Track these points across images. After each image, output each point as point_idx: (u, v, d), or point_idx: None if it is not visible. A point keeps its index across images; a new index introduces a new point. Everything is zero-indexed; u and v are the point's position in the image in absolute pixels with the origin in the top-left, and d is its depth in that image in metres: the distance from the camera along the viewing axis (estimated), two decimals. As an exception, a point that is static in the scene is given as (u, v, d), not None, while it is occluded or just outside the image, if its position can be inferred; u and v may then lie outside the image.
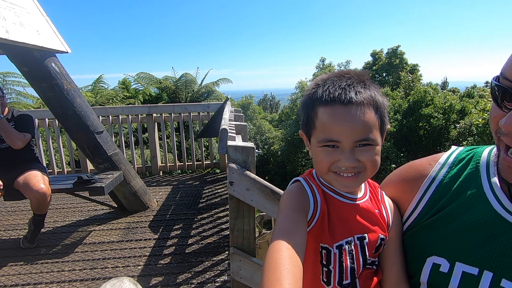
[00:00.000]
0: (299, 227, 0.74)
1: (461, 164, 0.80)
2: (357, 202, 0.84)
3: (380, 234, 0.83)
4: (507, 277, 0.65)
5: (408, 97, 15.99)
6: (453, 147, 0.87)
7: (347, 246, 0.79)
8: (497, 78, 0.64)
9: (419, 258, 0.79)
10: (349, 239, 0.80)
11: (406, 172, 0.89)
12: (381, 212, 0.86)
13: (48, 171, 3.55)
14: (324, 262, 0.79)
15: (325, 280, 0.80)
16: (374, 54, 24.32)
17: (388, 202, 0.90)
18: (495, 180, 0.73)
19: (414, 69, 21.89)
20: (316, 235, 0.79)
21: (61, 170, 5.37)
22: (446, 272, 0.72)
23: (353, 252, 0.80)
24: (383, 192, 0.91)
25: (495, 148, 0.79)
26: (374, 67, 23.55)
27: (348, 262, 0.79)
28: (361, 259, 0.81)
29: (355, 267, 0.80)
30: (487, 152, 0.79)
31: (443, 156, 0.85)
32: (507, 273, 0.65)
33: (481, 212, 0.71)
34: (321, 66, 22.68)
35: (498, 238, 0.68)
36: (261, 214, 6.25)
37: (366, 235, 0.81)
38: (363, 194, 0.86)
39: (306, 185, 0.84)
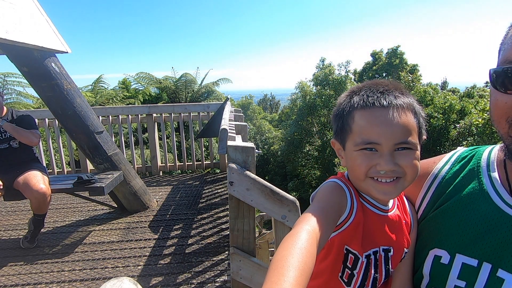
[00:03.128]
0: (326, 224, 0.69)
1: (463, 162, 0.83)
2: (388, 214, 0.83)
3: (405, 248, 0.84)
4: (503, 267, 0.68)
5: (408, 97, 15.98)
6: (459, 148, 0.89)
7: (373, 257, 0.80)
8: (498, 65, 0.64)
9: (422, 251, 0.82)
10: (376, 249, 0.81)
11: None
12: (407, 222, 0.86)
13: (48, 171, 3.55)
14: (349, 265, 0.79)
15: (346, 280, 0.80)
16: (374, 54, 24.33)
17: (409, 207, 0.90)
18: (495, 175, 0.75)
19: (414, 69, 21.90)
20: (345, 239, 0.79)
21: (61, 170, 5.37)
22: (447, 263, 0.75)
23: (378, 263, 0.81)
24: (405, 198, 0.91)
25: (496, 147, 0.81)
26: (374, 67, 23.56)
27: (373, 271, 0.80)
28: (383, 270, 0.82)
29: (378, 276, 0.81)
30: (488, 152, 0.81)
31: (447, 155, 0.88)
32: (503, 264, 0.68)
33: (482, 206, 0.73)
34: (321, 66, 22.68)
35: (497, 231, 0.70)
36: (261, 214, 6.25)
37: (391, 248, 0.81)
38: (392, 204, 0.85)
39: (346, 188, 0.81)
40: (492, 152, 0.81)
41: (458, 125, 13.72)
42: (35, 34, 3.04)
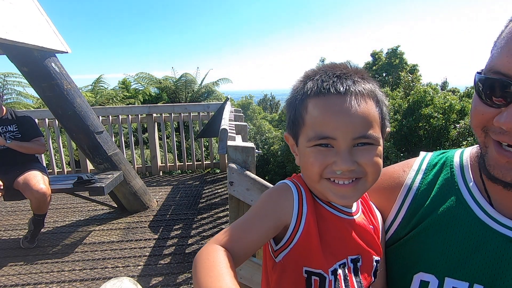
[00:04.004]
0: (249, 238, 0.63)
1: (435, 170, 0.77)
2: (354, 217, 0.71)
3: (374, 256, 0.72)
4: None
5: (408, 97, 15.99)
6: (422, 153, 0.83)
7: (341, 271, 0.67)
8: (484, 73, 0.60)
9: (405, 275, 0.74)
10: (343, 261, 0.68)
11: (381, 179, 0.81)
12: (375, 227, 0.75)
13: (48, 171, 3.56)
14: None
15: None
16: (374, 54, 24.33)
17: (377, 212, 0.80)
18: (473, 185, 0.70)
19: (414, 69, 21.90)
20: (299, 258, 0.66)
21: (61, 170, 5.37)
22: None
23: (348, 278, 0.68)
24: (370, 201, 0.80)
25: (466, 151, 0.77)
26: (374, 67, 23.55)
27: None
28: (355, 285, 0.68)
29: None
30: (458, 156, 0.77)
31: (416, 162, 0.81)
32: (497, 285, 0.63)
33: (465, 222, 0.68)
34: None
35: (485, 248, 0.65)
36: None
37: (360, 257, 0.70)
38: (356, 208, 0.74)
39: (295, 190, 0.68)
40: (463, 156, 0.76)
41: (458, 125, 13.72)
42: (35, 34, 3.04)
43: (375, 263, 0.72)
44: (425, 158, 0.81)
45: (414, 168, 0.79)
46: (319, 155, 0.64)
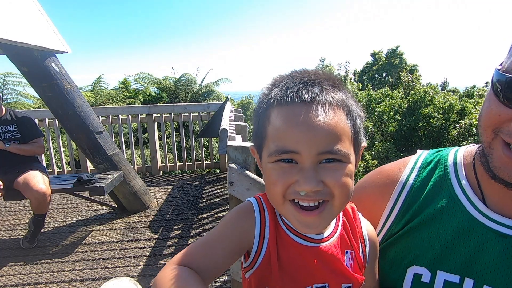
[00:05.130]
0: (212, 260, 0.61)
1: (429, 167, 0.77)
2: (320, 245, 0.64)
3: (344, 284, 0.65)
4: (489, 283, 0.64)
5: (407, 97, 16.00)
6: (419, 151, 0.84)
7: None
8: (507, 71, 0.57)
9: (398, 269, 0.75)
10: None
11: (377, 177, 0.84)
12: (356, 251, 0.69)
13: (48, 171, 3.56)
14: None
15: None
16: (374, 54, 24.34)
17: (366, 229, 0.74)
18: (465, 182, 0.71)
19: (413, 69, 21.91)
20: (262, 279, 0.64)
21: (61, 170, 5.37)
22: (428, 282, 0.69)
23: None
24: (360, 216, 0.75)
25: (460, 150, 0.78)
26: (374, 67, 23.56)
27: None
28: None
29: None
30: (453, 154, 0.77)
31: (411, 160, 0.81)
32: (488, 279, 0.64)
33: (456, 217, 0.69)
34: (321, 66, 22.70)
35: (475, 243, 0.66)
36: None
37: (326, 285, 0.64)
38: (331, 231, 0.67)
39: (257, 212, 0.65)
40: (457, 155, 0.76)
41: (458, 125, 13.73)
42: (35, 34, 3.04)
43: None
44: (420, 156, 0.81)
45: (410, 166, 0.79)
46: (281, 172, 0.56)
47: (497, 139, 0.60)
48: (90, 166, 5.19)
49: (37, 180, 2.90)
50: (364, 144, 0.64)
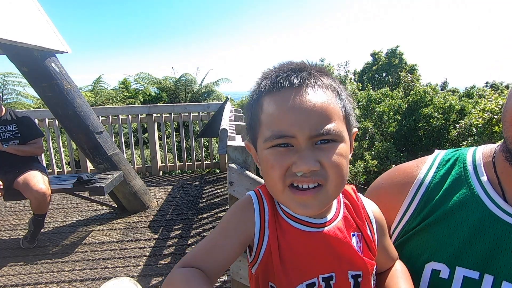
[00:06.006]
0: (224, 258, 0.61)
1: (448, 165, 0.78)
2: (324, 229, 0.62)
3: (350, 272, 0.62)
4: (508, 279, 0.63)
5: (407, 97, 16.00)
6: (436, 151, 0.85)
7: None
8: None
9: (415, 265, 0.75)
10: (312, 280, 0.61)
11: (395, 175, 0.85)
12: (364, 232, 0.67)
13: (48, 171, 3.56)
14: None
15: None
16: (374, 54, 24.33)
17: (370, 208, 0.73)
18: (485, 179, 0.71)
19: (413, 69, 21.91)
20: (266, 272, 0.63)
21: (61, 170, 5.37)
22: (447, 278, 0.69)
23: None
24: (362, 197, 0.75)
25: (479, 149, 0.79)
26: (374, 67, 23.56)
27: None
28: None
29: None
30: (471, 154, 0.78)
31: (429, 158, 0.82)
32: (507, 275, 0.63)
33: (475, 212, 0.69)
34: (321, 66, 22.67)
35: (495, 239, 0.66)
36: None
37: (333, 274, 0.61)
38: (334, 213, 0.66)
39: (256, 204, 0.64)
40: (476, 154, 0.77)
41: (458, 125, 13.73)
42: (35, 34, 3.04)
43: (352, 280, 0.62)
44: (438, 155, 0.83)
45: (428, 164, 0.80)
46: (278, 156, 0.56)
47: None
48: (90, 166, 5.18)
49: (37, 180, 2.90)
50: (356, 130, 0.65)
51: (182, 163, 5.68)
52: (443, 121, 14.48)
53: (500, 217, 0.66)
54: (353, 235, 0.66)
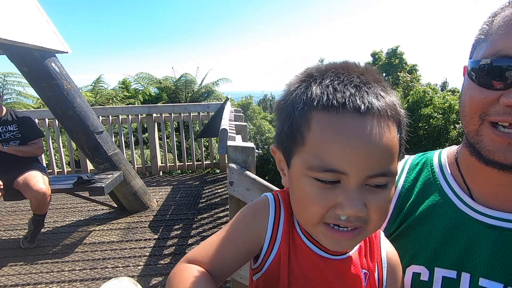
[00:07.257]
0: (230, 261, 0.58)
1: (417, 169, 0.81)
2: (337, 257, 0.58)
3: None
4: (484, 275, 0.65)
5: (407, 97, 16.00)
6: (406, 156, 0.86)
7: None
8: (484, 57, 0.61)
9: None
10: None
11: None
12: (371, 272, 0.62)
13: (48, 171, 3.56)
14: None
15: None
16: (374, 54, 24.34)
17: (385, 250, 0.66)
18: (452, 179, 0.74)
19: (413, 69, 21.91)
20: (269, 284, 0.59)
21: (61, 170, 5.37)
22: (427, 280, 0.70)
23: None
24: (381, 235, 0.68)
25: (443, 151, 0.81)
26: (374, 67, 23.59)
27: None
28: None
29: None
30: (437, 156, 0.81)
31: (400, 164, 0.83)
32: (483, 272, 0.65)
33: (447, 213, 0.71)
34: (320, 66, 22.69)
35: (468, 237, 0.67)
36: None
37: None
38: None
39: (273, 211, 0.59)
40: (441, 156, 0.80)
41: (457, 125, 13.73)
42: (35, 34, 3.04)
43: None
44: (408, 159, 0.85)
45: (399, 169, 0.81)
46: (323, 192, 0.48)
47: (484, 125, 0.63)
48: (90, 166, 5.18)
49: (37, 180, 2.90)
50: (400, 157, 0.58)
51: (182, 163, 5.68)
52: (443, 121, 14.48)
53: (471, 216, 0.68)
54: (362, 271, 0.61)
